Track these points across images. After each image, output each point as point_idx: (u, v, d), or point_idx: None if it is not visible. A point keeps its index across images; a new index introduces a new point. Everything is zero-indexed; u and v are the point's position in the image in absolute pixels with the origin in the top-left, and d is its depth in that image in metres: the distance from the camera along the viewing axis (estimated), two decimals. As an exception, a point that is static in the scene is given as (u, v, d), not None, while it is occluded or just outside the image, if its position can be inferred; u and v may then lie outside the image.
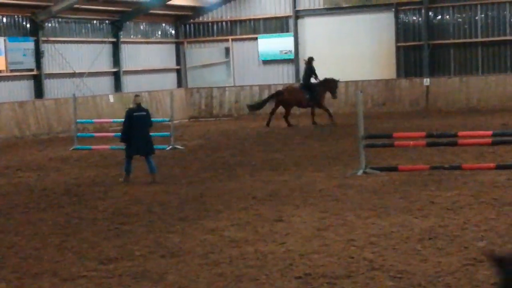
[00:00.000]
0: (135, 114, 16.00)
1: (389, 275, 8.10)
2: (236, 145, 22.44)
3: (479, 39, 32.93)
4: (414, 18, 34.03)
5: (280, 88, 31.53)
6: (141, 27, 35.65)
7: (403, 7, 34.01)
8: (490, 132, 16.17)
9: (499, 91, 32.06)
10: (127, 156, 16.14)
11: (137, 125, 15.93)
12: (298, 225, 10.87)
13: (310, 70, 28.83)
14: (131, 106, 17.02)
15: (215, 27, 37.40)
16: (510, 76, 32.14)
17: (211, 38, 37.50)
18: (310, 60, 28.97)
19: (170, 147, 21.89)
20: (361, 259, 8.82)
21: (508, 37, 32.50)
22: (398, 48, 34.20)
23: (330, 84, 28.61)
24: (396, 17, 34.04)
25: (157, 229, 11.04)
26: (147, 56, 35.66)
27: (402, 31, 34.20)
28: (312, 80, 28.76)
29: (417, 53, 33.95)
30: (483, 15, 32.95)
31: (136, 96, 16.85)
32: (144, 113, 16.16)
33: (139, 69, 35.02)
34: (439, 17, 33.65)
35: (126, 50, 34.27)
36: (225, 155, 20.08)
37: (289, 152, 20.09)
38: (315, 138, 23.23)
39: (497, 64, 32.84)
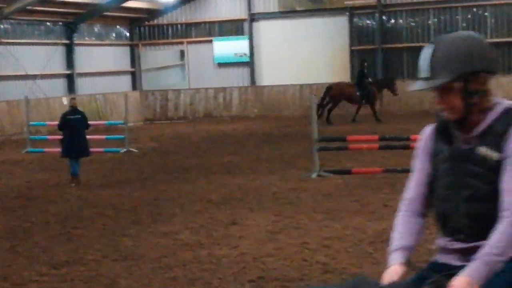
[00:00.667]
0: (70, 117, 16.18)
1: (342, 278, 8.15)
2: (191, 148, 22.41)
3: (432, 43, 33.23)
4: (368, 22, 34.31)
5: (235, 91, 31.57)
6: (95, 29, 35.41)
7: (357, 11, 34.25)
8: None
9: (452, 94, 32.42)
10: (63, 157, 16.30)
11: (72, 128, 16.07)
12: (252, 228, 10.89)
13: (361, 71, 29.53)
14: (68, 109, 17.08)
15: (170, 29, 37.31)
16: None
17: (166, 41, 37.39)
18: (362, 62, 29.93)
19: (124, 150, 21.79)
20: (314, 262, 8.86)
21: (460, 42, 32.84)
22: (352, 52, 34.43)
23: (387, 82, 28.98)
24: (350, 21, 34.28)
25: (110, 233, 10.97)
26: (102, 58, 35.41)
27: (356, 35, 34.44)
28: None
29: (371, 57, 34.20)
30: (435, 20, 33.34)
31: (72, 99, 17.21)
32: (79, 116, 16.28)
33: (93, 71, 34.76)
34: (393, 21, 33.96)
35: (80, 52, 33.99)
36: (180, 158, 20.03)
37: (244, 155, 20.11)
38: (270, 141, 23.28)
39: (449, 68, 33.14)
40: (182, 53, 37.24)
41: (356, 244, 9.61)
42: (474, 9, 32.77)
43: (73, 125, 16.07)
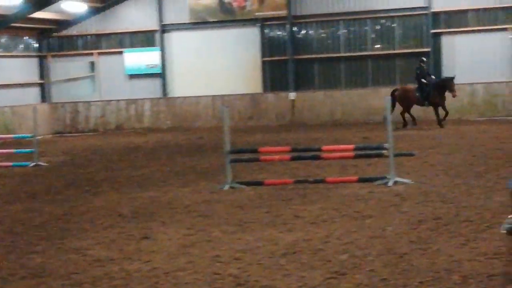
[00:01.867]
0: None
1: (254, 290, 8.15)
2: (102, 161, 22.14)
3: (342, 54, 33.79)
4: (279, 33, 34.59)
5: (147, 103, 31.30)
6: (3, 41, 34.69)
7: (268, 22, 34.49)
8: (352, 146, 16.59)
9: (362, 105, 32.97)
10: None
11: None
12: (164, 242, 10.79)
13: (420, 70, 29.26)
14: None
15: (80, 40, 36.84)
16: (371, 90, 33.09)
17: (76, 52, 36.90)
18: (421, 61, 29.45)
19: (34, 163, 21.35)
20: (226, 275, 8.83)
21: (369, 53, 33.49)
22: (264, 63, 34.64)
23: (445, 83, 28.72)
24: (262, 32, 34.50)
25: (18, 250, 10.71)
26: (9, 70, 34.67)
27: (268, 46, 34.67)
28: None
29: (283, 68, 34.49)
30: (345, 31, 33.84)
31: None
32: None
33: (1, 83, 34.01)
34: (303, 32, 34.32)
35: (-14, 64, 33.26)
36: (91, 171, 19.76)
37: (156, 167, 19.96)
38: (183, 153, 23.18)
39: (359, 79, 33.77)
40: (92, 65, 36.82)
41: (268, 256, 9.62)
42: (383, 21, 33.39)
43: None
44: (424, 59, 29.96)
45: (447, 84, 28.81)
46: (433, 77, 29.59)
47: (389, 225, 11.09)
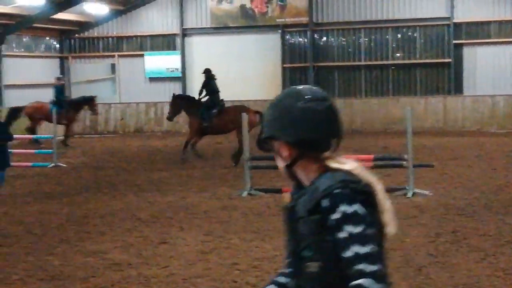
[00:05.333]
0: None
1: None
2: (121, 164, 22.18)
3: (362, 63, 33.75)
4: (300, 40, 34.59)
5: (167, 106, 31.26)
6: (25, 40, 34.90)
7: (289, 29, 34.49)
8: (371, 157, 16.54)
9: (381, 114, 32.88)
10: None
11: None
12: (182, 248, 10.81)
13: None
14: None
15: (101, 42, 36.99)
16: (391, 99, 33.01)
17: (96, 54, 37.05)
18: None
19: (53, 164, 21.43)
20: (244, 283, 8.84)
21: (390, 61, 33.42)
22: (284, 69, 34.64)
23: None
24: (283, 39, 34.50)
25: (36, 251, 10.76)
26: (30, 70, 34.85)
27: (288, 53, 34.68)
28: None
29: (303, 74, 34.48)
30: (366, 39, 33.80)
31: None
32: None
33: (22, 83, 34.20)
34: (324, 39, 34.30)
35: (8, 64, 33.41)
36: (110, 174, 19.82)
37: (175, 171, 20.00)
38: (201, 158, 23.18)
39: (379, 88, 33.71)
40: (113, 67, 36.95)
41: (286, 265, 9.60)
42: (404, 30, 33.33)
43: None
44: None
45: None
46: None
47: (407, 237, 11.06)
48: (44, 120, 28.53)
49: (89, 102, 29.14)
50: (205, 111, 22.38)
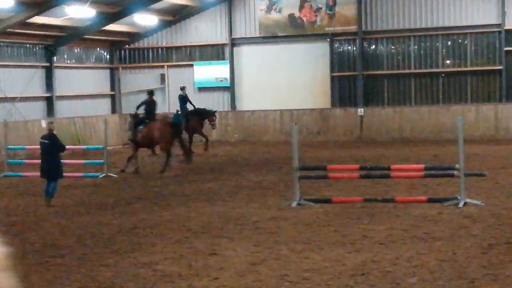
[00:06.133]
0: (41, 141, 16.93)
1: (323, 312, 8.10)
2: (170, 174, 22.26)
3: (412, 71, 33.52)
4: (349, 48, 34.48)
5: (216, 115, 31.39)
6: (76, 52, 35.35)
7: (338, 38, 34.41)
8: (422, 166, 16.42)
9: (431, 122, 32.59)
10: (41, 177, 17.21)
11: (43, 151, 16.89)
12: (232, 259, 10.81)
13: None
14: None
15: (150, 53, 37.31)
16: (442, 107, 32.72)
17: (146, 64, 37.39)
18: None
19: (103, 175, 21.64)
20: (295, 295, 8.80)
21: (440, 69, 33.14)
22: (332, 78, 34.56)
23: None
24: (331, 47, 34.42)
25: (88, 263, 10.85)
26: (81, 81, 35.33)
27: (337, 61, 34.60)
28: None
29: (352, 83, 34.37)
30: (416, 47, 33.57)
31: (49, 123, 17.78)
32: (47, 141, 16.71)
33: (73, 94, 34.65)
34: (373, 47, 34.15)
35: (59, 75, 33.89)
36: (159, 184, 19.93)
37: (224, 182, 20.04)
38: (250, 168, 23.22)
39: (429, 96, 33.44)
40: (162, 77, 37.23)
41: (336, 277, 9.55)
42: (454, 37, 33.02)
43: (43, 148, 16.84)
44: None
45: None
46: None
47: (459, 248, 10.92)
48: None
49: (209, 115, 29.05)
50: (135, 127, 23.79)
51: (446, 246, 11.17)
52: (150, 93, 25.15)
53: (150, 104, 24.24)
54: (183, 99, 29.09)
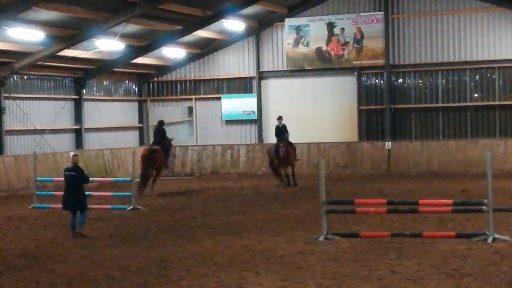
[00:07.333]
0: (66, 173, 17.11)
1: None
2: (197, 206, 22.32)
3: (440, 104, 33.43)
4: (376, 82, 34.49)
5: (243, 148, 31.56)
6: (104, 84, 35.68)
7: (365, 71, 34.46)
8: (450, 201, 16.30)
9: (460, 156, 32.42)
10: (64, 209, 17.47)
11: (67, 183, 17.04)
12: (259, 293, 10.78)
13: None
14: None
15: (178, 85, 37.56)
16: (470, 141, 32.55)
17: (174, 97, 37.62)
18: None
19: (131, 207, 21.71)
20: (322, 331, 8.76)
21: (468, 103, 33.02)
22: (360, 111, 34.56)
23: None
24: (359, 81, 34.46)
25: (116, 296, 10.87)
26: (110, 113, 35.62)
27: (365, 95, 34.61)
28: None
29: (379, 117, 34.34)
30: (444, 81, 33.51)
31: (74, 155, 17.69)
32: (74, 173, 16.92)
33: (101, 126, 34.93)
34: (401, 81, 34.14)
35: (88, 107, 34.21)
36: (186, 217, 19.96)
37: (251, 215, 20.03)
38: (277, 201, 23.19)
39: (457, 130, 33.31)
40: (190, 109, 37.45)
41: (364, 313, 9.50)
42: (483, 71, 32.94)
43: (68, 180, 17.00)
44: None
45: None
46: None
47: (488, 285, 10.82)
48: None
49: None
50: None
51: (475, 282, 11.07)
52: (159, 122, 28.54)
53: (155, 132, 28.44)
54: (279, 130, 28.88)
